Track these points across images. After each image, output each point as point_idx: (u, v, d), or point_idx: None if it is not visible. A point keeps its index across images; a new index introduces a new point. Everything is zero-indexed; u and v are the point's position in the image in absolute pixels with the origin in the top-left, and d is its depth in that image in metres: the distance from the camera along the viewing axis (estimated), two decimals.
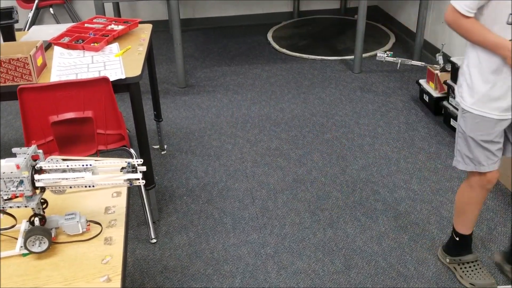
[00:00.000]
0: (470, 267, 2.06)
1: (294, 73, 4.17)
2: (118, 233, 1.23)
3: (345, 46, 4.68)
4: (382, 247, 2.29)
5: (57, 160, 1.12)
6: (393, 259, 2.22)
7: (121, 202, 1.34)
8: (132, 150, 2.27)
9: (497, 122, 1.77)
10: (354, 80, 4.02)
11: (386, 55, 3.80)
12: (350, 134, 3.24)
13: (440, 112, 3.41)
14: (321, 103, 3.65)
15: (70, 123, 2.04)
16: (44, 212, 1.19)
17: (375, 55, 3.99)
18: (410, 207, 2.55)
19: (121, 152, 2.33)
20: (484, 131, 1.79)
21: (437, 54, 3.55)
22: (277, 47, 4.71)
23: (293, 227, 2.43)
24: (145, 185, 2.37)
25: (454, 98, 3.19)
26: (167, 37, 4.86)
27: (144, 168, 1.15)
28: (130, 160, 1.15)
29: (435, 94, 3.42)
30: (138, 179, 1.14)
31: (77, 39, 2.37)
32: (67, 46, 2.33)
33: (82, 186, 1.12)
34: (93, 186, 1.12)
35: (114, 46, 2.35)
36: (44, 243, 1.13)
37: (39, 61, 2.05)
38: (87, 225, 1.22)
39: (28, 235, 1.11)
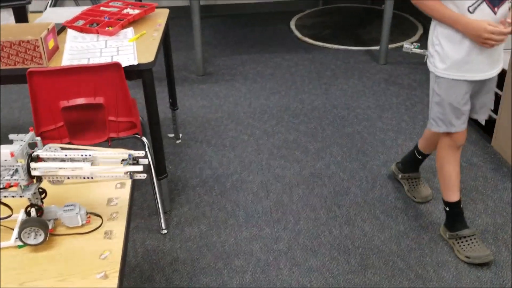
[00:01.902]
0: (466, 241, 2.12)
1: (316, 63, 4.06)
2: (119, 227, 1.16)
3: (370, 36, 4.54)
4: (400, 247, 2.19)
5: (56, 149, 1.06)
6: (412, 260, 2.12)
7: (125, 194, 1.28)
8: (144, 139, 2.21)
9: (469, 84, 1.97)
10: (378, 72, 3.88)
11: (413, 47, 3.66)
12: (372, 128, 3.12)
13: None
14: (343, 95, 3.53)
15: (81, 109, 1.99)
16: (42, 202, 1.13)
17: (402, 46, 3.84)
18: (432, 206, 2.44)
19: (133, 141, 2.28)
20: (457, 93, 1.97)
21: None
22: (299, 35, 4.58)
23: (308, 223, 2.35)
24: (156, 175, 2.31)
25: None
26: (187, 24, 4.76)
27: (146, 161, 1.08)
28: (131, 152, 1.07)
29: None
30: (140, 172, 1.07)
31: (92, 23, 2.31)
32: (80, 29, 2.27)
33: (80, 177, 1.05)
34: (92, 177, 1.06)
35: (129, 31, 2.29)
36: (40, 235, 1.07)
37: (51, 44, 1.99)
38: (87, 217, 1.16)
39: (23, 226, 1.06)
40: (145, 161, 1.08)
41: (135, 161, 1.07)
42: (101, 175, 1.05)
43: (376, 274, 2.06)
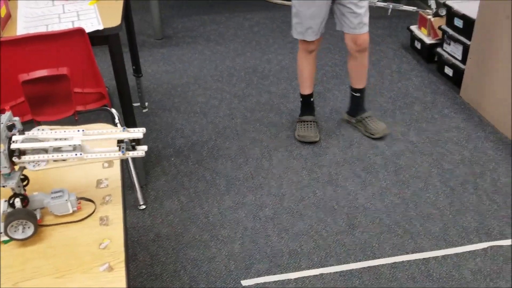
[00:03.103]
0: (305, 124, 2.59)
1: (278, 22, 3.93)
2: (115, 211, 1.05)
3: None
4: (385, 204, 2.19)
5: (44, 131, 0.92)
6: (397, 216, 2.13)
7: (115, 174, 1.16)
8: (113, 110, 2.06)
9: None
10: None
11: (376, 0, 3.59)
12: (342, 86, 3.08)
13: (433, 60, 3.26)
14: None
15: (43, 81, 1.80)
16: (25, 190, 1.00)
17: None
18: (410, 160, 2.44)
19: (101, 113, 2.12)
20: (308, 4, 2.28)
21: None
22: None
23: (291, 186, 2.30)
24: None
25: (449, 44, 3.04)
26: None
27: (145, 148, 0.96)
28: (127, 135, 0.95)
29: (428, 40, 3.27)
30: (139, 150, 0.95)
31: None
32: None
33: (69, 155, 0.93)
34: (80, 154, 0.93)
35: None
36: (28, 228, 0.95)
37: (3, 12, 1.78)
38: (78, 203, 1.04)
39: (9, 220, 0.93)
40: (145, 148, 0.97)
41: (133, 142, 0.95)
42: (94, 156, 0.93)
43: (364, 232, 2.05)
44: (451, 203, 2.17)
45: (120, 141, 0.96)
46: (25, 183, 1.02)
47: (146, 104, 2.90)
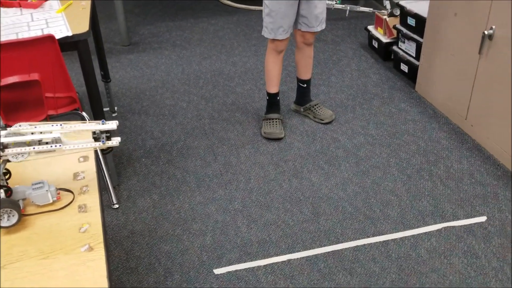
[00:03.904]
0: (270, 122, 2.71)
1: (242, 26, 4.06)
2: (92, 200, 1.15)
3: None
4: (347, 193, 2.33)
5: (25, 126, 1.01)
6: (358, 203, 2.27)
7: (90, 167, 1.25)
8: (84, 114, 2.14)
9: None
10: None
11: (334, 3, 3.76)
12: None
13: (389, 58, 3.45)
14: None
15: (15, 87, 1.87)
16: (7, 183, 1.09)
17: None
18: (370, 151, 2.60)
19: (72, 117, 2.19)
20: (280, 4, 2.41)
21: (384, 0, 3.55)
22: None
23: (258, 180, 2.42)
24: (101, 149, 2.25)
25: (403, 42, 3.23)
26: None
27: (119, 139, 1.06)
28: (102, 126, 1.05)
29: (384, 39, 3.45)
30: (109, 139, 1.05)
31: None
32: (1, 4, 2.11)
33: (50, 146, 1.02)
34: (60, 145, 1.02)
35: (54, 2, 2.16)
36: (13, 216, 1.03)
37: None
38: (57, 194, 1.13)
39: None
40: (118, 139, 1.06)
41: (108, 133, 1.05)
42: (72, 147, 1.02)
43: (328, 219, 2.18)
44: (408, 190, 2.33)
45: (94, 135, 1.05)
46: (7, 176, 1.10)
47: (116, 108, 2.97)
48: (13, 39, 1.82)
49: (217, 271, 1.94)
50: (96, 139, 1.05)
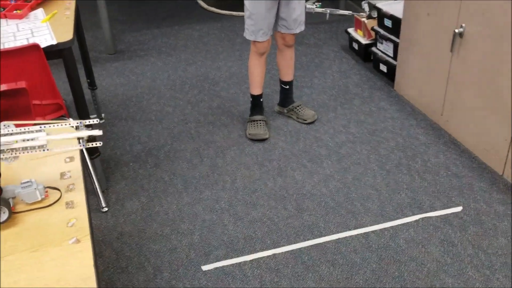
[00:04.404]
0: (255, 124, 2.79)
1: (226, 31, 4.15)
2: (78, 197, 1.21)
3: None
4: (329, 189, 2.41)
5: (9, 125, 1.08)
6: (340, 198, 2.35)
7: (76, 166, 1.32)
8: (71, 120, 2.20)
9: (268, 1, 2.48)
10: None
11: (315, 6, 3.86)
12: None
13: (369, 59, 3.54)
14: None
15: (3, 96, 1.93)
16: None
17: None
18: (351, 149, 2.68)
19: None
20: (261, 8, 2.50)
21: (363, 2, 3.65)
22: (205, 6, 4.63)
23: (244, 180, 2.49)
24: (89, 154, 2.31)
25: (381, 43, 3.33)
26: (85, 3, 4.62)
27: (100, 132, 1.13)
28: (87, 133, 1.12)
29: (364, 41, 3.55)
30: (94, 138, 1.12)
31: None
32: None
33: (36, 149, 1.09)
34: (47, 149, 1.09)
35: (39, 12, 2.23)
36: (4, 213, 1.10)
37: None
38: (45, 192, 1.20)
39: None
40: (100, 132, 1.14)
41: (89, 127, 1.12)
42: (57, 144, 1.09)
43: (311, 215, 2.26)
44: (387, 184, 2.42)
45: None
46: None
47: (103, 115, 3.04)
48: None
49: (205, 267, 2.01)
50: (79, 141, 1.12)
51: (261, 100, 2.86)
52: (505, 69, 2.23)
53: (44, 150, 1.08)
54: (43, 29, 2.06)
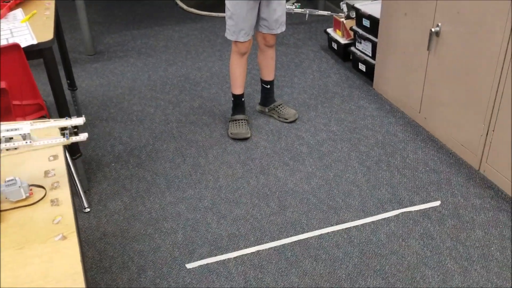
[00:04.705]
0: (236, 123, 2.81)
1: (206, 32, 4.16)
2: (63, 194, 1.21)
3: None
4: (311, 186, 2.44)
5: None
6: (322, 195, 2.38)
7: (60, 165, 1.32)
8: (58, 119, 2.18)
9: (249, 2, 2.51)
10: None
11: (294, 7, 3.90)
12: None
13: (348, 58, 3.60)
14: None
15: None
16: None
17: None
18: (331, 147, 2.72)
19: None
20: (242, 9, 2.53)
21: (341, 3, 3.71)
22: (185, 7, 4.63)
23: (227, 178, 2.50)
24: (71, 155, 2.30)
25: (360, 43, 3.38)
26: (64, 4, 4.58)
27: (86, 134, 1.14)
28: (70, 122, 1.13)
29: (343, 41, 3.60)
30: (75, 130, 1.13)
31: None
32: None
33: (20, 142, 1.09)
34: (30, 141, 1.09)
35: (18, 12, 2.21)
36: None
37: None
38: (30, 190, 1.20)
39: None
40: (86, 135, 1.14)
41: (75, 128, 1.12)
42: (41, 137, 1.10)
43: (294, 211, 2.29)
44: (367, 180, 2.46)
45: (63, 130, 1.13)
46: None
47: (83, 116, 3.01)
48: None
49: (189, 265, 2.02)
50: (64, 135, 1.12)
51: (243, 99, 2.88)
52: (480, 66, 2.30)
53: (27, 142, 1.08)
54: (23, 29, 2.04)
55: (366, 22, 3.28)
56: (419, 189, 2.38)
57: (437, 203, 2.30)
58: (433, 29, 2.53)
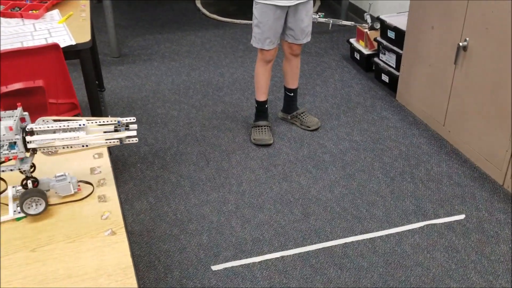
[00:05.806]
0: (259, 129, 2.85)
1: (228, 38, 4.20)
2: (110, 191, 1.24)
3: None
4: (334, 194, 2.46)
5: (48, 121, 1.11)
6: (346, 203, 2.40)
7: (105, 162, 1.35)
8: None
9: (277, 9, 2.54)
10: None
11: (318, 16, 3.94)
12: None
13: (371, 68, 3.62)
14: None
15: (20, 93, 1.95)
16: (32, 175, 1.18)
17: None
18: (355, 156, 2.74)
19: None
20: (269, 17, 2.56)
21: (365, 14, 3.74)
22: (207, 13, 4.68)
23: (250, 183, 2.53)
24: None
25: (384, 54, 3.41)
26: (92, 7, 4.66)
27: (135, 126, 1.17)
28: (119, 118, 1.16)
29: (366, 51, 3.62)
30: (132, 136, 1.16)
31: (13, 7, 2.24)
32: (3, 14, 2.19)
33: (75, 146, 1.12)
34: (87, 145, 1.13)
35: (55, 13, 2.26)
36: (40, 204, 1.12)
37: None
38: (78, 186, 1.23)
39: (24, 197, 1.10)
40: (135, 126, 1.17)
41: (127, 126, 1.15)
42: (96, 142, 1.13)
43: (318, 219, 2.30)
44: (391, 191, 2.47)
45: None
46: (32, 169, 1.19)
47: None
48: (19, 47, 1.91)
49: (215, 267, 2.04)
50: (116, 131, 1.15)
51: (266, 106, 2.91)
52: (507, 82, 2.31)
53: (83, 146, 1.11)
54: (61, 30, 2.09)
55: (391, 34, 3.30)
56: (444, 202, 2.39)
57: (462, 216, 2.30)
58: (460, 44, 2.55)
